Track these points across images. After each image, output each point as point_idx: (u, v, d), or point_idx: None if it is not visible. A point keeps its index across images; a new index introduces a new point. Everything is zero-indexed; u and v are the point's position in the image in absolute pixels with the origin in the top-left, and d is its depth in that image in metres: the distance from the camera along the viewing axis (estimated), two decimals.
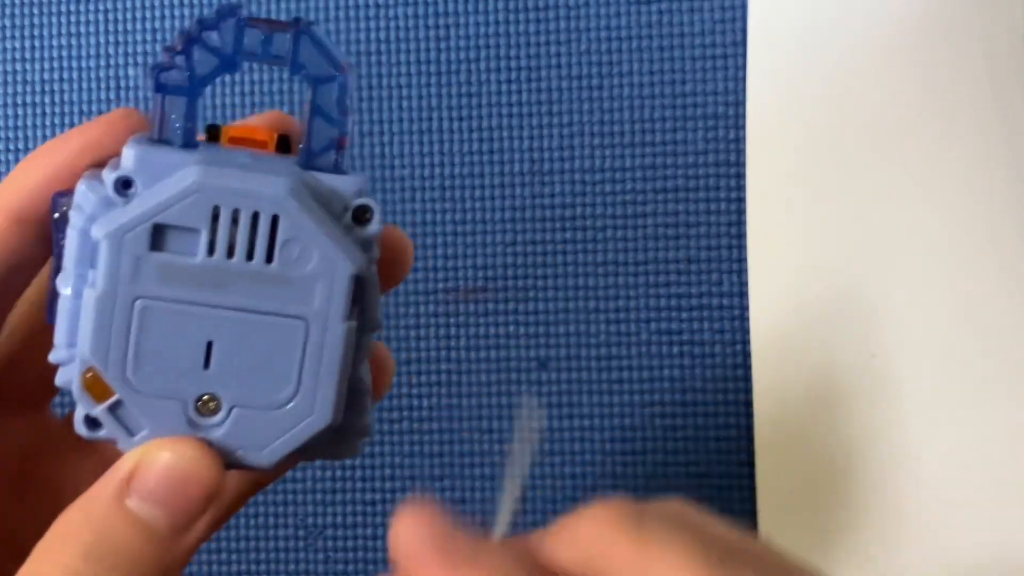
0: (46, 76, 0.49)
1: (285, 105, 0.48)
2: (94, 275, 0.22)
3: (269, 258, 0.23)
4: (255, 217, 0.23)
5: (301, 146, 0.24)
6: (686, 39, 0.45)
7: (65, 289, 0.23)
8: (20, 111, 0.49)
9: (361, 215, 0.24)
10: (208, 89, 0.48)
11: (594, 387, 0.46)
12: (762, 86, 0.44)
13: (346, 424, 0.25)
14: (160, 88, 0.23)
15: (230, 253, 0.23)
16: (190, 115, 0.23)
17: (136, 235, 0.22)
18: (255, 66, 0.48)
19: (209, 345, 0.23)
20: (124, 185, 0.23)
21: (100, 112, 0.48)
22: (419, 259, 0.47)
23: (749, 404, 0.44)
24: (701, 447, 0.45)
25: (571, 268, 0.46)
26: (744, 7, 0.45)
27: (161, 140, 0.23)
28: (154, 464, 0.22)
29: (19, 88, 0.49)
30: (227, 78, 0.48)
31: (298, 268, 0.23)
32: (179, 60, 0.23)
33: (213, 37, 0.23)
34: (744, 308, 0.45)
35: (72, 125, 0.48)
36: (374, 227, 0.24)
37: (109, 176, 0.23)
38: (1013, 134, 0.43)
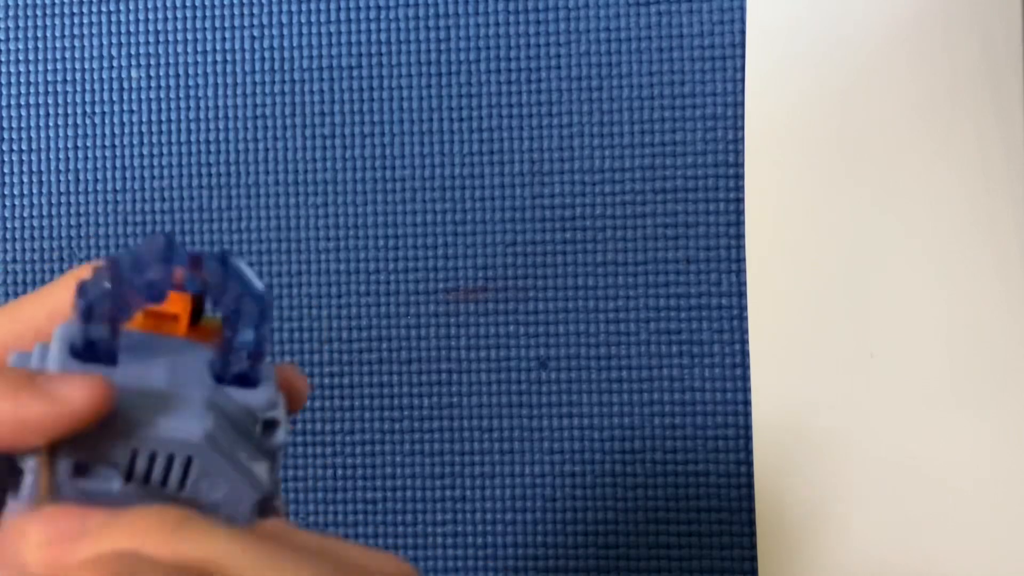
0: (49, 78, 0.49)
1: (287, 106, 0.48)
2: (17, 498, 0.24)
3: (181, 487, 0.24)
4: (170, 459, 0.24)
5: (216, 354, 0.25)
6: (685, 40, 0.46)
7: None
8: (24, 112, 0.49)
9: (269, 426, 0.26)
10: (211, 93, 0.48)
11: (594, 387, 0.46)
12: (760, 87, 0.44)
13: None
14: (87, 316, 0.24)
15: (146, 480, 0.24)
16: (114, 333, 0.24)
17: (61, 467, 0.23)
18: (255, 67, 0.48)
19: None
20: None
21: (103, 114, 0.49)
22: (419, 259, 0.47)
23: (748, 403, 0.45)
24: (700, 446, 0.45)
25: (571, 268, 0.46)
26: (742, 8, 0.45)
27: (86, 353, 0.24)
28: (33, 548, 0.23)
29: (23, 90, 0.49)
30: (227, 80, 0.48)
31: (208, 495, 0.25)
32: (107, 293, 0.24)
33: (141, 277, 0.24)
34: (743, 308, 0.45)
35: (75, 126, 0.49)
36: (280, 438, 0.26)
37: None
38: (1012, 134, 0.43)
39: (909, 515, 0.43)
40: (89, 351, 0.24)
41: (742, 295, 0.45)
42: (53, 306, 0.26)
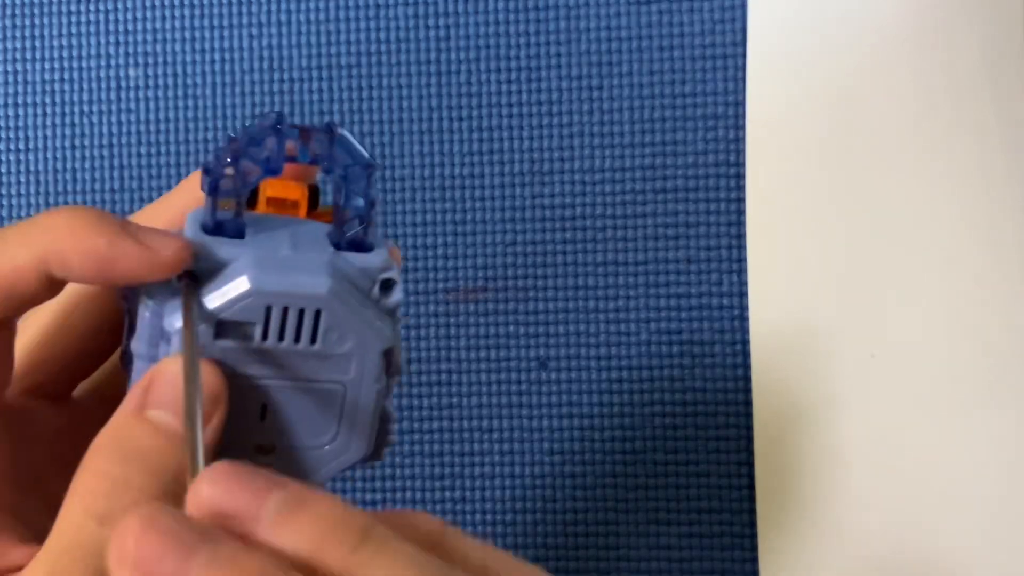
0: (47, 76, 0.49)
1: (286, 105, 0.48)
2: (168, 352, 0.26)
3: (313, 340, 0.27)
4: (301, 312, 0.26)
5: (332, 226, 0.28)
6: (686, 39, 0.46)
7: (143, 362, 0.27)
8: (21, 111, 0.49)
9: (386, 286, 0.28)
10: (209, 91, 0.48)
11: (594, 387, 0.46)
12: (761, 86, 0.44)
13: (375, 447, 0.29)
14: (214, 192, 0.27)
15: (280, 338, 0.27)
16: (239, 211, 0.27)
17: (203, 330, 0.26)
18: (254, 66, 0.48)
19: (264, 407, 0.27)
20: (189, 277, 0.26)
21: (100, 113, 0.48)
22: (419, 259, 0.47)
23: (749, 403, 0.45)
24: (701, 446, 0.45)
25: (571, 268, 0.46)
26: (743, 7, 0.45)
27: (215, 230, 0.27)
28: (164, 377, 0.25)
29: (19, 88, 0.49)
30: (226, 79, 0.48)
31: (338, 347, 0.27)
32: (229, 170, 0.27)
33: (258, 151, 0.27)
34: (744, 308, 0.45)
35: (73, 125, 0.49)
36: (397, 296, 0.28)
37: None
38: (1012, 134, 0.43)
39: (909, 515, 0.43)
40: (218, 227, 0.27)
41: (743, 295, 0.45)
42: (186, 202, 0.27)
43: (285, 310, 0.26)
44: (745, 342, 0.45)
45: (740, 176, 0.45)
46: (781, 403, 0.44)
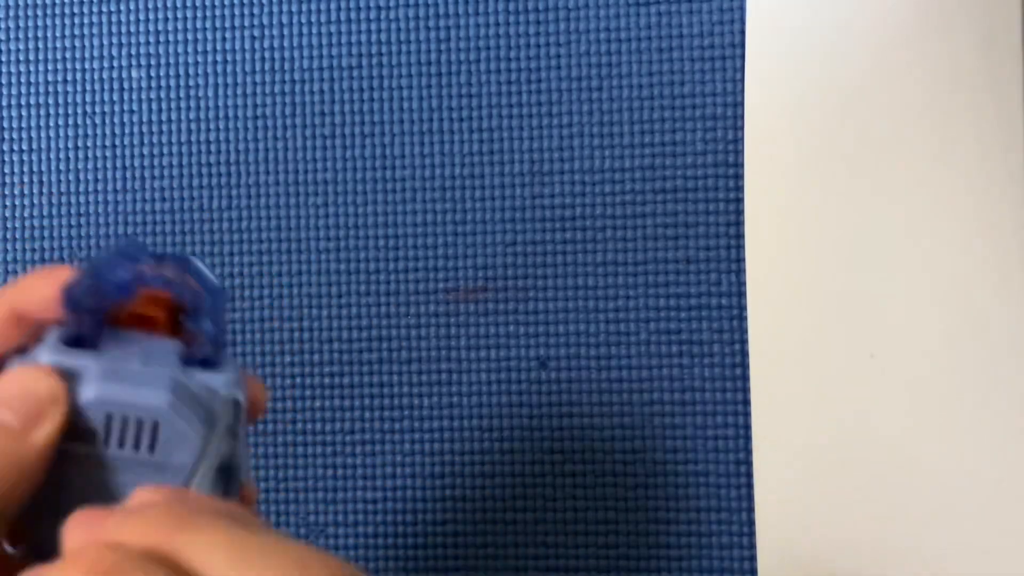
0: (50, 78, 0.49)
1: (287, 106, 0.48)
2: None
3: (151, 449, 0.28)
4: (140, 423, 0.28)
5: (183, 343, 0.29)
6: (684, 41, 0.46)
7: None
8: (24, 112, 0.49)
9: (235, 406, 0.29)
10: (211, 93, 0.48)
11: (594, 386, 0.46)
12: (760, 87, 0.45)
13: None
14: (71, 309, 0.28)
15: (121, 445, 0.28)
16: (96, 325, 0.29)
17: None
18: (256, 67, 0.48)
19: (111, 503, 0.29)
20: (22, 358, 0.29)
21: (103, 114, 0.49)
22: (419, 259, 0.47)
23: (747, 403, 0.45)
24: (699, 446, 0.45)
25: (571, 268, 0.46)
26: (742, 9, 0.45)
27: (74, 343, 0.29)
28: (8, 380, 0.27)
29: (23, 89, 0.49)
30: (228, 80, 0.48)
31: (175, 457, 0.28)
32: (86, 289, 0.28)
33: (116, 273, 0.29)
34: (742, 308, 0.45)
35: (76, 127, 0.49)
36: (242, 416, 0.29)
37: None
38: (1012, 133, 0.43)
39: (909, 515, 0.43)
40: (77, 340, 0.29)
41: (742, 295, 0.45)
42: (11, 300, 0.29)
43: (125, 419, 0.28)
44: (744, 342, 0.45)
45: (739, 176, 0.45)
46: (780, 403, 0.44)
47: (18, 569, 0.27)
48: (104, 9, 0.49)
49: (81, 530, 0.25)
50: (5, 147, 0.49)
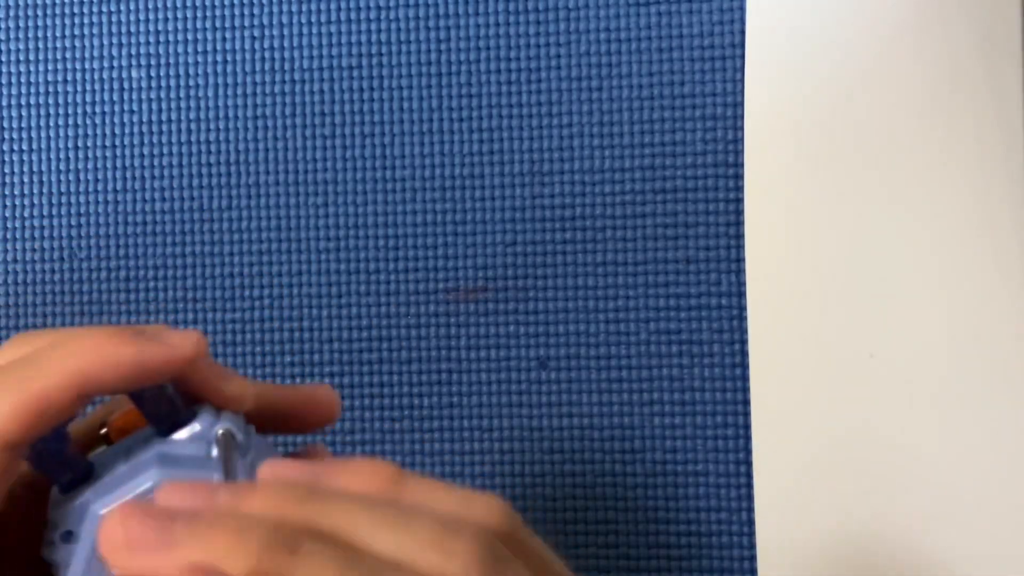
0: (50, 78, 0.49)
1: (287, 106, 0.48)
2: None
3: None
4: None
5: (152, 423, 0.30)
6: (684, 41, 0.46)
7: None
8: (24, 112, 0.49)
9: (229, 438, 0.30)
10: (212, 93, 0.48)
11: (594, 386, 0.46)
12: (760, 87, 0.45)
13: None
14: (41, 470, 0.29)
15: None
16: (65, 467, 0.29)
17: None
18: (256, 67, 0.48)
19: None
20: (65, 537, 0.29)
21: (103, 114, 0.49)
22: (419, 259, 0.47)
23: (747, 403, 0.45)
24: (699, 446, 0.45)
25: (571, 268, 0.46)
26: (742, 9, 0.45)
27: (69, 487, 0.29)
28: None
29: (23, 89, 0.49)
30: (228, 80, 0.48)
31: None
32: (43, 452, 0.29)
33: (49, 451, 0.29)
34: (742, 308, 0.45)
35: (76, 126, 0.49)
36: (239, 437, 0.29)
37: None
38: (1011, 133, 0.43)
39: (909, 515, 0.43)
40: (70, 484, 0.29)
41: (741, 295, 0.45)
42: (72, 376, 0.28)
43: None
44: (743, 342, 0.45)
45: (739, 176, 0.45)
46: (779, 403, 0.44)
47: None
48: (104, 9, 0.49)
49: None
50: (5, 147, 0.49)
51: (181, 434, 0.29)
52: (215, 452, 0.29)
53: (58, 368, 0.27)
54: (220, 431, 0.29)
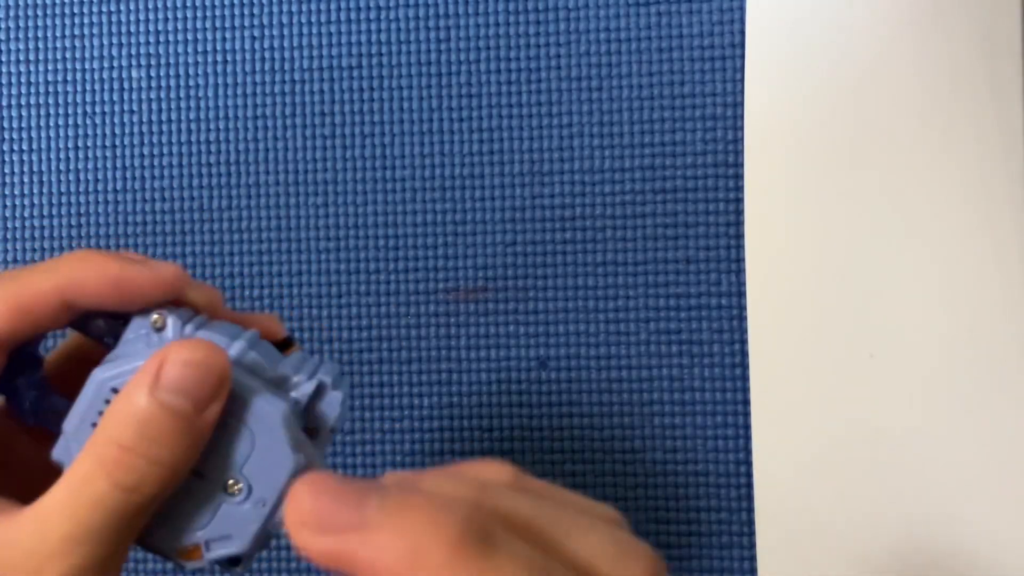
0: (50, 78, 0.49)
1: (287, 106, 0.48)
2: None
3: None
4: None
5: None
6: (684, 41, 0.46)
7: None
8: (24, 112, 0.49)
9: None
10: (211, 93, 0.48)
11: (594, 386, 0.46)
12: (760, 87, 0.45)
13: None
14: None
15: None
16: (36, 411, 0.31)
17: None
18: (256, 67, 0.48)
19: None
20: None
21: (103, 114, 0.49)
22: (419, 259, 0.47)
23: (747, 403, 0.45)
24: (699, 446, 0.45)
25: (571, 268, 0.46)
26: (742, 9, 0.45)
27: (33, 414, 0.31)
28: (175, 361, 0.28)
29: (24, 89, 0.49)
30: (228, 80, 0.48)
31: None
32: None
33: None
34: (742, 308, 0.45)
35: (76, 126, 0.49)
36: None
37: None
38: (1011, 133, 0.43)
39: (909, 515, 0.43)
40: (35, 413, 0.31)
41: (741, 295, 0.45)
42: (58, 281, 0.29)
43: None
44: (743, 342, 0.45)
45: (738, 176, 0.45)
46: (779, 403, 0.44)
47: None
48: (104, 9, 0.49)
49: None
50: (5, 147, 0.49)
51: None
52: (171, 321, 0.30)
53: (46, 275, 0.29)
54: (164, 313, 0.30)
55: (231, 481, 0.29)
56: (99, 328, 0.31)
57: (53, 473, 0.29)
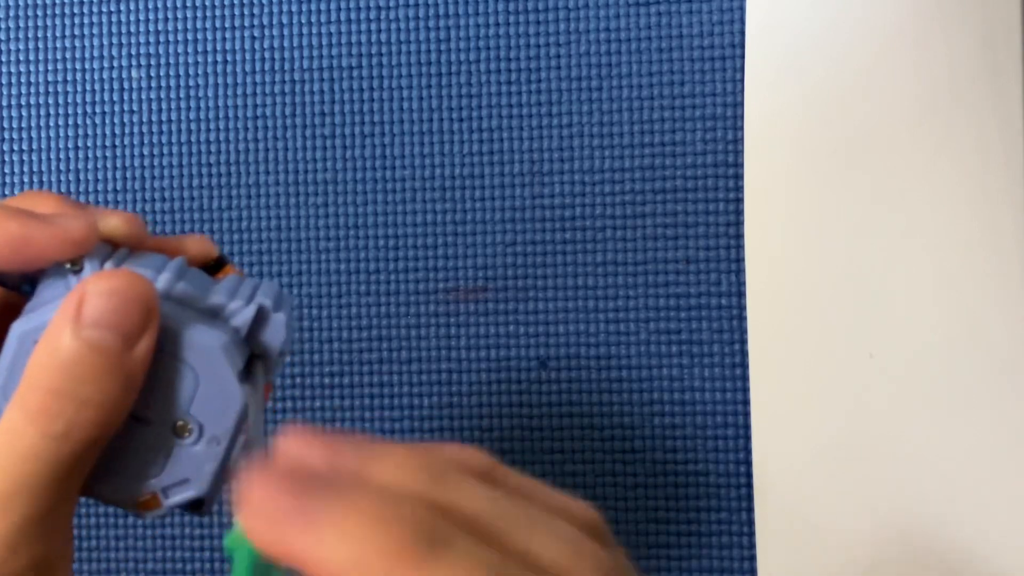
0: (50, 78, 0.49)
1: (287, 106, 0.48)
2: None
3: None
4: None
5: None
6: (684, 41, 0.46)
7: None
8: (24, 112, 0.49)
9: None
10: (211, 93, 0.48)
11: (594, 386, 0.46)
12: (759, 87, 0.45)
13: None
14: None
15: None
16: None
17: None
18: (256, 67, 0.48)
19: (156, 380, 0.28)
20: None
21: (103, 114, 0.49)
22: (419, 259, 0.47)
23: (747, 403, 0.45)
24: (699, 446, 0.45)
25: (571, 268, 0.46)
26: (742, 9, 0.45)
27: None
28: (98, 294, 0.26)
29: (23, 89, 0.49)
30: (228, 80, 0.48)
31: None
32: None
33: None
34: (742, 308, 0.45)
35: (76, 127, 0.49)
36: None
37: None
38: (1011, 133, 0.43)
39: (908, 515, 0.43)
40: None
41: (741, 295, 0.45)
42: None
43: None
44: (743, 342, 0.45)
45: (738, 176, 0.45)
46: (779, 403, 0.44)
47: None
48: (104, 9, 0.49)
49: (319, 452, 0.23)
50: (5, 147, 0.49)
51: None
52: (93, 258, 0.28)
53: None
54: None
55: (179, 423, 0.27)
56: (13, 278, 0.29)
57: None
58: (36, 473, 0.26)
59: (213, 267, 0.30)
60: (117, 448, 0.27)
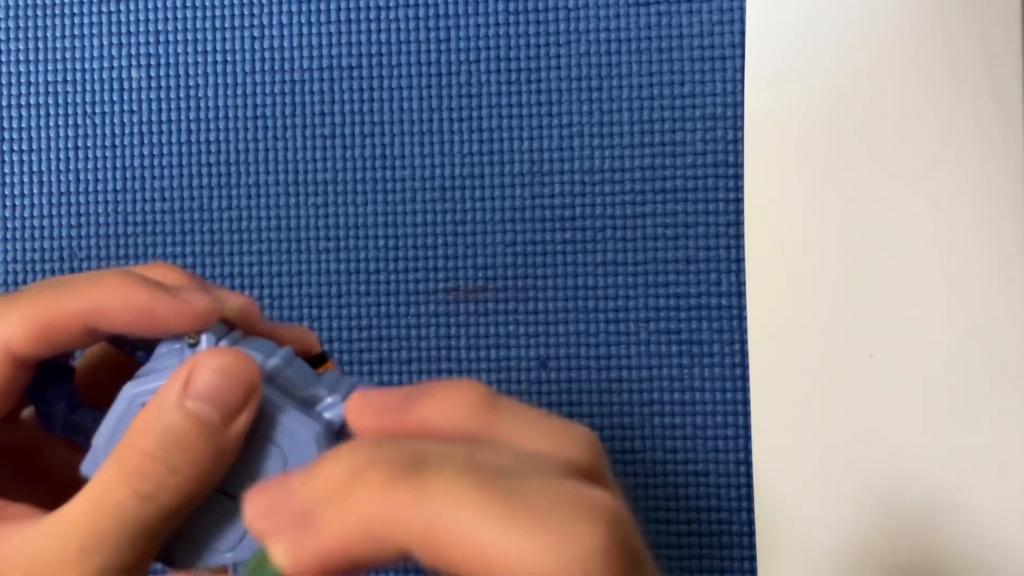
0: (50, 78, 0.49)
1: (287, 106, 0.48)
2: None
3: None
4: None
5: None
6: (684, 41, 0.46)
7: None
8: (24, 112, 0.49)
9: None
10: (211, 93, 0.48)
11: (594, 386, 0.46)
12: (760, 87, 0.45)
13: None
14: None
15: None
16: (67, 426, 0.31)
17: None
18: (256, 67, 0.48)
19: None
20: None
21: (103, 114, 0.49)
22: (419, 259, 0.47)
23: (747, 403, 0.45)
24: (699, 446, 0.45)
25: (571, 268, 0.46)
26: (742, 9, 0.45)
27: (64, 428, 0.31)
28: (208, 370, 0.27)
29: (23, 89, 0.49)
30: (228, 80, 0.48)
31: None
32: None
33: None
34: (742, 308, 0.45)
35: (76, 126, 0.49)
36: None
37: None
38: (1011, 133, 0.43)
39: (908, 515, 0.43)
40: (65, 427, 0.31)
41: (741, 295, 0.45)
42: (83, 305, 0.29)
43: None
44: (743, 342, 0.45)
45: (738, 176, 0.45)
46: (779, 403, 0.44)
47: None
48: (104, 9, 0.49)
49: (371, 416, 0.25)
50: (5, 147, 0.49)
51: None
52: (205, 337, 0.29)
53: (73, 296, 0.29)
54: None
55: None
56: (132, 343, 0.31)
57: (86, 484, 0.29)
58: (118, 529, 0.27)
59: (315, 361, 0.32)
60: (198, 518, 0.29)
